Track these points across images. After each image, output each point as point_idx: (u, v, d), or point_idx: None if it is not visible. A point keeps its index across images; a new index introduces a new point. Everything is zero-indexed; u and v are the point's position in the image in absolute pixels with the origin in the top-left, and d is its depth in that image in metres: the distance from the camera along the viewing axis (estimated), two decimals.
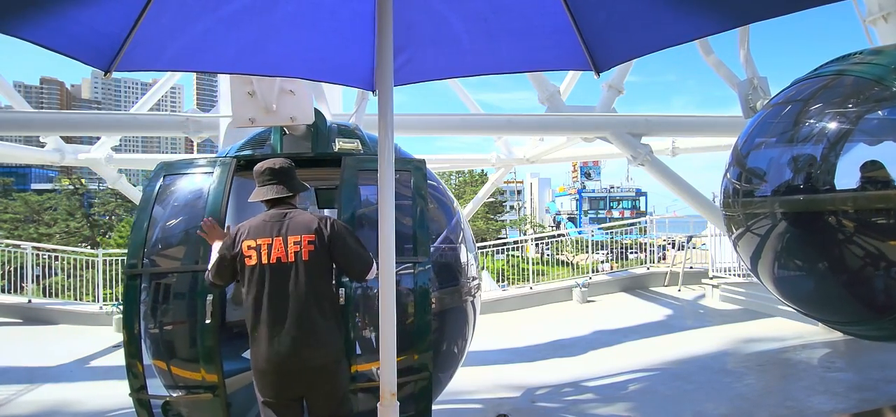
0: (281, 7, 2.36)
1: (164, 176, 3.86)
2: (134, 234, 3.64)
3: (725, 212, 5.36)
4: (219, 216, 3.55)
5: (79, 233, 33.38)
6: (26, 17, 1.87)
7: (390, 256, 2.35)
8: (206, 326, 3.35)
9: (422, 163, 4.03)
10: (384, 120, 2.35)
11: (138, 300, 3.52)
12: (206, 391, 3.43)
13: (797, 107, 4.84)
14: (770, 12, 1.94)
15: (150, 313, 3.65)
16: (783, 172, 4.73)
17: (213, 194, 3.67)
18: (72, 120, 10.84)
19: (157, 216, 3.78)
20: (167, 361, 3.64)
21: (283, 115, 3.99)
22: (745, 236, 5.06)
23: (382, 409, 2.35)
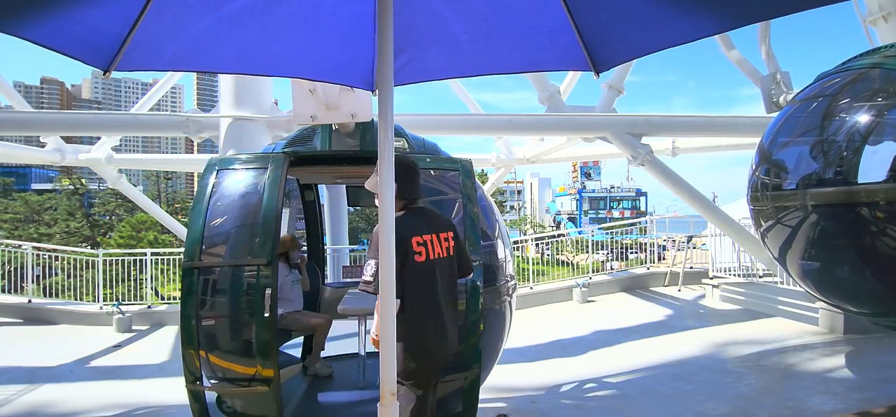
0: (282, 7, 2.36)
1: (217, 171, 3.91)
2: (191, 229, 3.69)
3: (754, 206, 5.43)
4: (275, 212, 3.63)
5: (79, 233, 33.38)
6: (26, 17, 1.87)
7: (391, 256, 2.35)
8: (264, 320, 3.39)
9: (469, 162, 4.12)
10: (384, 120, 2.35)
11: (195, 293, 3.55)
12: (262, 384, 3.47)
13: (827, 102, 4.92)
14: (770, 13, 1.94)
15: (206, 307, 3.68)
16: (814, 165, 4.81)
17: (270, 190, 3.74)
18: (72, 120, 10.85)
19: (213, 211, 3.82)
20: (222, 354, 3.67)
21: (344, 112, 4.06)
22: (774, 229, 5.14)
23: (382, 409, 2.34)
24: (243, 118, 7.01)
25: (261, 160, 3.98)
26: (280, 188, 3.74)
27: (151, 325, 9.45)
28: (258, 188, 3.83)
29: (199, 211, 3.70)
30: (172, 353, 7.80)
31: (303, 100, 4.02)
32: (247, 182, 3.97)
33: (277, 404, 3.52)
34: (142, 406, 5.62)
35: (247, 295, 3.59)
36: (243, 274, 3.67)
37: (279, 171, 3.79)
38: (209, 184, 3.82)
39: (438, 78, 2.84)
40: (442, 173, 4.21)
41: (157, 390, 6.17)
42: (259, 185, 3.83)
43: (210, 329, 3.68)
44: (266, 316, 3.39)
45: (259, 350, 3.49)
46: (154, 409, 5.55)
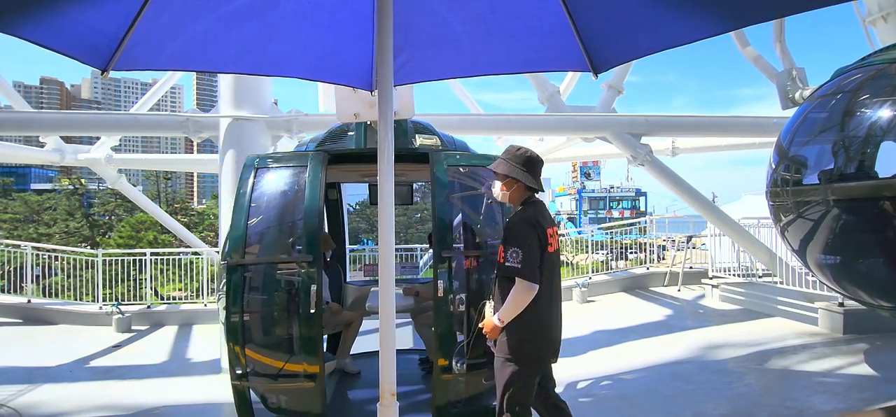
0: (281, 6, 2.36)
1: (257, 170, 3.93)
2: (233, 226, 3.70)
3: (773, 201, 5.49)
4: (318, 210, 3.67)
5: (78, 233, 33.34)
6: (24, 16, 1.87)
7: (390, 255, 2.34)
8: (311, 316, 3.43)
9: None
10: (384, 120, 2.34)
11: (239, 291, 3.56)
12: (307, 380, 3.50)
13: (847, 97, 4.99)
14: (769, 14, 1.94)
15: (250, 304, 3.70)
16: (835, 160, 4.87)
17: (311, 187, 3.77)
18: (72, 120, 10.84)
19: (256, 209, 3.85)
20: (266, 351, 3.69)
21: None
22: (795, 223, 5.21)
23: (382, 409, 2.34)
24: (243, 118, 7.00)
25: (300, 158, 4.02)
26: (321, 185, 3.79)
27: (151, 325, 9.45)
28: (299, 186, 3.88)
29: (240, 209, 3.72)
30: (172, 353, 7.80)
31: (345, 98, 4.04)
32: (288, 180, 4.02)
33: (322, 400, 3.56)
34: (141, 407, 5.61)
35: (293, 293, 3.64)
36: (289, 272, 3.72)
37: (320, 169, 3.83)
38: (249, 182, 3.85)
39: (438, 78, 2.84)
40: (474, 170, 4.28)
41: (156, 390, 6.17)
42: (300, 183, 3.88)
43: (255, 325, 3.71)
44: (312, 312, 3.42)
45: (305, 347, 3.53)
46: (154, 409, 5.54)
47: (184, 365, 7.23)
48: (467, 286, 3.81)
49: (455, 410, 3.77)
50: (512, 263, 2.91)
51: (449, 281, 3.71)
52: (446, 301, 3.67)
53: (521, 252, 2.90)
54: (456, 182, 4.08)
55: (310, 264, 3.56)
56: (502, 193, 3.17)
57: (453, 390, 3.74)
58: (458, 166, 4.16)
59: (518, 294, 2.92)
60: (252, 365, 3.62)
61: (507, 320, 2.98)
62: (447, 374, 3.65)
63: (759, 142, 10.73)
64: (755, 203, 17.19)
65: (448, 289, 3.63)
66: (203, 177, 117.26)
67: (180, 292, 13.29)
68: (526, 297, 2.92)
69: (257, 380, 3.63)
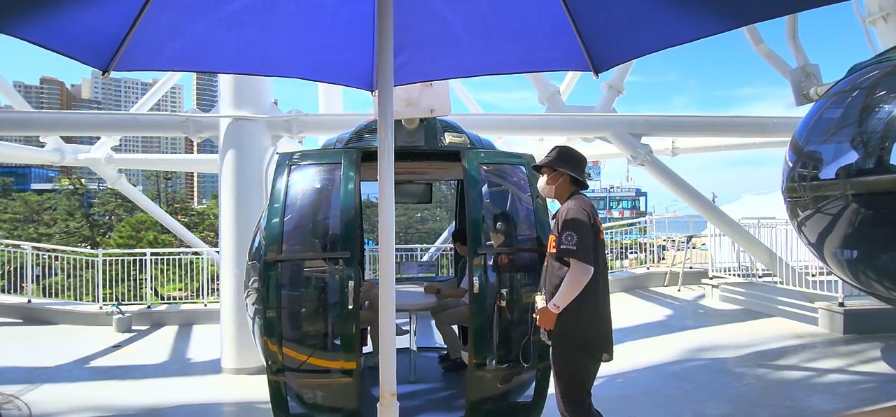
0: (281, 7, 2.36)
1: (291, 167, 3.96)
2: (269, 223, 3.72)
3: (790, 197, 5.56)
4: (354, 207, 3.72)
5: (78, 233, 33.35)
6: (25, 17, 1.87)
7: (391, 255, 2.34)
8: (349, 313, 3.46)
9: (531, 157, 4.28)
10: (384, 120, 2.34)
11: (276, 287, 3.59)
12: (344, 375, 3.53)
13: (864, 94, 5.08)
14: (770, 13, 1.94)
15: (288, 299, 3.73)
16: (854, 155, 4.95)
17: (347, 185, 3.82)
18: (72, 120, 10.83)
19: (291, 206, 3.88)
20: (303, 347, 3.72)
21: (423, 107, 4.08)
22: (812, 218, 5.27)
23: (382, 409, 2.34)
24: (243, 118, 7.00)
25: (334, 155, 4.06)
26: (357, 182, 3.84)
27: (151, 325, 9.45)
28: (334, 183, 3.94)
29: (276, 206, 3.75)
30: (172, 353, 7.80)
31: None
32: (322, 177, 4.08)
33: (358, 395, 3.60)
34: (142, 407, 5.61)
35: (330, 289, 3.69)
36: (327, 268, 3.78)
37: (354, 166, 3.87)
38: (284, 179, 3.89)
39: (438, 78, 2.84)
40: (504, 167, 4.36)
41: (156, 390, 6.17)
42: (335, 180, 3.94)
43: (291, 321, 3.75)
44: (350, 308, 3.45)
45: (343, 343, 3.56)
46: (154, 409, 5.55)
47: (184, 366, 7.23)
48: (505, 282, 3.89)
49: (487, 406, 3.82)
50: (567, 245, 2.98)
51: (484, 277, 3.78)
52: (482, 297, 3.72)
53: (576, 235, 2.97)
54: (487, 179, 4.17)
55: (347, 261, 3.59)
56: (548, 188, 3.31)
57: (487, 386, 3.81)
58: (489, 163, 4.23)
59: (574, 275, 2.98)
60: (288, 361, 3.64)
61: (563, 304, 3.02)
62: (481, 371, 3.70)
63: (759, 142, 10.73)
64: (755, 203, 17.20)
65: (483, 286, 3.70)
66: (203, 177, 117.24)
67: (180, 292, 13.29)
68: (582, 279, 2.98)
69: (293, 376, 3.65)
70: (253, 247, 4.17)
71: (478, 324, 3.69)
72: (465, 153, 4.06)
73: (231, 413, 5.64)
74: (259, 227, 4.36)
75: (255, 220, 6.89)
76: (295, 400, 3.72)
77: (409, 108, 4.02)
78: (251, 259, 4.13)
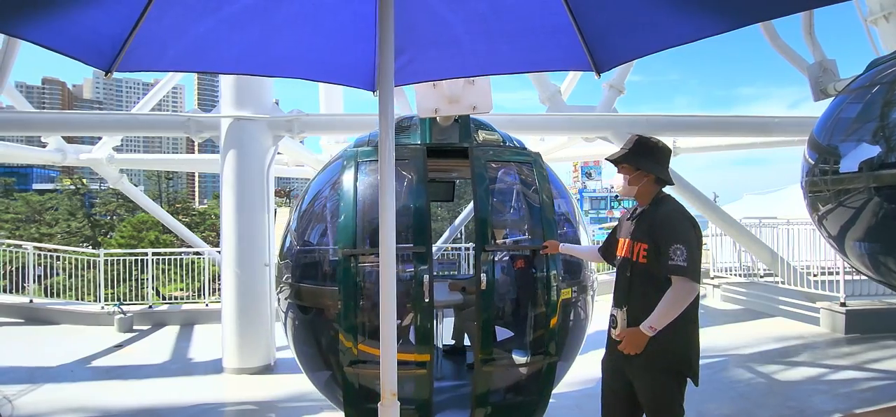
0: (283, 8, 2.37)
1: (358, 163, 4.02)
2: (343, 218, 3.77)
3: (811, 191, 5.64)
4: (426, 202, 3.77)
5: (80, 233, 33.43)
6: (27, 17, 1.87)
7: (391, 253, 2.34)
8: (425, 305, 3.52)
9: (538, 155, 4.33)
10: (385, 120, 2.34)
11: (352, 280, 3.65)
12: (419, 367, 3.60)
13: (885, 87, 5.18)
14: (772, 13, 1.94)
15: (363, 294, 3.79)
16: (877, 148, 5.02)
17: (418, 180, 3.89)
18: (73, 120, 10.84)
19: (362, 201, 3.94)
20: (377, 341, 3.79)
21: (465, 105, 4.09)
22: (834, 212, 5.34)
23: (383, 409, 2.34)
24: (244, 118, 7.00)
25: (400, 151, 4.07)
26: (426, 178, 3.92)
27: (152, 325, 9.46)
28: (404, 178, 4.03)
29: (347, 201, 3.81)
30: (173, 353, 7.81)
31: (426, 94, 4.07)
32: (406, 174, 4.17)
33: (431, 387, 3.68)
34: (143, 406, 5.62)
35: (407, 283, 3.76)
36: (404, 261, 3.88)
37: (422, 162, 3.93)
38: (353, 174, 3.94)
39: (439, 78, 2.84)
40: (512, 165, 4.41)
41: (158, 390, 6.18)
42: (405, 176, 4.02)
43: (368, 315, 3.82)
44: (426, 301, 3.51)
45: (420, 335, 3.61)
46: (155, 409, 5.56)
47: (185, 365, 7.24)
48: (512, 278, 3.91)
49: (493, 401, 3.87)
50: (677, 260, 2.61)
51: (491, 273, 3.82)
52: (489, 293, 3.76)
53: (685, 249, 2.62)
54: (495, 176, 4.24)
55: (422, 256, 3.66)
56: (629, 189, 2.92)
57: (494, 381, 3.86)
58: (497, 160, 4.27)
59: (680, 295, 2.63)
60: (362, 355, 3.70)
61: (660, 326, 2.68)
62: (488, 366, 3.75)
63: (760, 142, 10.71)
64: (756, 202, 17.20)
65: (489, 282, 3.73)
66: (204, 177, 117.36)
67: (182, 292, 13.31)
68: (687, 300, 2.65)
69: (368, 368, 3.70)
70: (284, 247, 4.23)
71: (484, 319, 3.73)
72: (472, 151, 4.10)
73: (232, 413, 5.65)
74: (289, 228, 4.40)
75: (257, 220, 6.96)
76: (366, 394, 3.77)
77: (451, 106, 4.03)
78: (282, 258, 4.18)
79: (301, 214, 4.44)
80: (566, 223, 4.42)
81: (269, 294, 7.06)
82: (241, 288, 6.86)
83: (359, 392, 3.68)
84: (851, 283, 8.40)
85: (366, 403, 3.69)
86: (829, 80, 7.90)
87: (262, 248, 6.98)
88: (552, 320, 3.80)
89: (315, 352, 4.10)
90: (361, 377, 3.65)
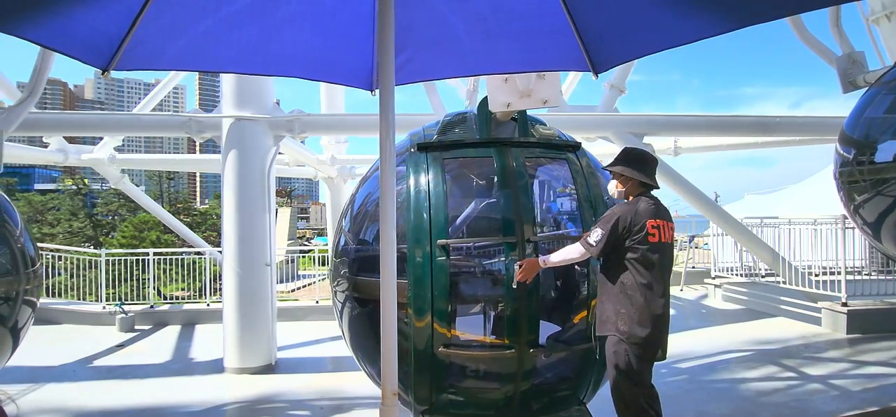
0: (282, 8, 2.37)
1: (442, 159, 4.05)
2: (434, 209, 3.83)
3: (845, 183, 5.81)
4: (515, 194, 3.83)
5: (82, 233, 33.49)
6: (26, 17, 1.88)
7: (392, 253, 2.34)
8: (513, 292, 3.62)
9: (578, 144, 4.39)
10: (385, 120, 2.34)
11: (446, 269, 3.77)
12: (507, 349, 3.72)
13: None
14: (772, 14, 1.93)
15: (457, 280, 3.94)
16: None
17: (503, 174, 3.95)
18: (75, 120, 10.87)
19: (452, 193, 4.07)
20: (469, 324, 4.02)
21: (537, 99, 4.12)
22: (870, 202, 5.57)
23: (384, 409, 2.34)
24: (245, 118, 7.00)
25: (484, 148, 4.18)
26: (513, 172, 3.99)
27: (154, 325, 9.47)
28: (490, 173, 4.14)
29: (438, 193, 3.88)
30: (175, 353, 7.82)
31: (498, 89, 4.10)
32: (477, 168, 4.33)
33: (519, 368, 3.75)
34: (144, 406, 5.63)
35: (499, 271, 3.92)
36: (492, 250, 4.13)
37: (506, 158, 3.99)
38: (440, 169, 4.00)
39: (438, 77, 2.84)
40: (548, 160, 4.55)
41: (159, 389, 6.19)
42: (490, 172, 4.13)
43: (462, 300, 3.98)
44: (514, 287, 3.62)
45: (511, 320, 3.72)
46: (157, 409, 5.56)
47: (186, 365, 7.24)
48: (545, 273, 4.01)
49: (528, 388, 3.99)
50: (588, 235, 3.31)
51: None
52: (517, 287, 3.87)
53: (600, 230, 3.25)
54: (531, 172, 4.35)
55: (512, 245, 3.76)
56: (618, 191, 3.47)
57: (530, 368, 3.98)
58: (532, 157, 4.35)
59: (570, 251, 3.39)
60: (453, 339, 3.84)
61: (549, 264, 3.44)
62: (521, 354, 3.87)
63: (761, 142, 10.69)
64: (758, 202, 17.17)
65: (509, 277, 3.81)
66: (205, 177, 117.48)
67: (183, 292, 13.32)
68: (571, 256, 3.38)
69: (459, 351, 3.86)
70: (339, 246, 4.34)
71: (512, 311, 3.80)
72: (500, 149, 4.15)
73: (233, 412, 5.65)
74: (340, 228, 4.46)
75: (258, 220, 6.96)
76: (458, 373, 3.90)
77: (523, 100, 4.05)
78: (338, 256, 4.29)
79: (355, 214, 4.49)
80: None
81: (271, 294, 7.07)
82: (242, 288, 6.86)
83: (449, 370, 3.81)
84: (853, 283, 8.39)
85: (460, 380, 3.86)
86: (858, 72, 7.87)
87: (263, 248, 6.98)
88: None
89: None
90: (453, 356, 3.79)
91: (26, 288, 4.77)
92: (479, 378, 3.95)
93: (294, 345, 7.88)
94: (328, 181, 13.43)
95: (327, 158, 12.31)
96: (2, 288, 4.59)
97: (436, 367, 3.76)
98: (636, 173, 3.37)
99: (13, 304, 4.69)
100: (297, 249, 29.40)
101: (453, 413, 3.94)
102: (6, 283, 4.60)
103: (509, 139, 4.22)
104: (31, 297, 4.92)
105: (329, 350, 7.71)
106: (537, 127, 4.44)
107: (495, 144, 4.10)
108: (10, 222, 4.82)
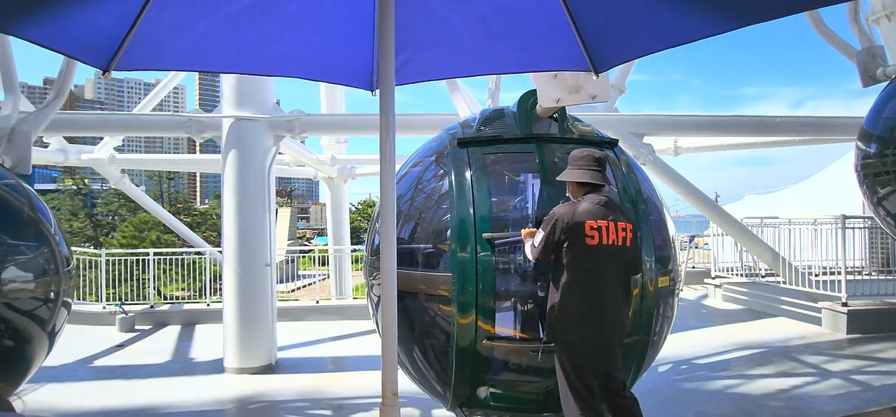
0: (282, 8, 2.37)
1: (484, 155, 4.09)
2: (478, 205, 3.85)
3: (868, 176, 5.92)
4: (553, 191, 3.82)
5: (82, 233, 33.50)
6: (26, 17, 1.88)
7: (392, 252, 2.34)
8: None
9: (614, 141, 4.41)
10: (385, 120, 2.34)
11: (491, 264, 3.79)
12: (547, 343, 3.72)
13: None
14: (772, 14, 1.93)
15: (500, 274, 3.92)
16: None
17: (544, 169, 3.95)
18: (75, 120, 10.85)
19: (494, 190, 4.08)
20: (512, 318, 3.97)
21: (586, 95, 4.11)
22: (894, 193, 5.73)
23: (384, 409, 2.33)
24: (245, 118, 7.01)
25: (525, 144, 4.20)
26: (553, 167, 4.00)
27: (154, 325, 9.47)
28: (531, 169, 4.16)
29: (482, 189, 3.91)
30: (175, 353, 7.82)
31: (547, 84, 4.09)
32: (517, 164, 4.33)
33: None
34: (144, 406, 5.63)
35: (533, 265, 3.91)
36: None
37: (547, 154, 4.01)
38: (480, 164, 4.03)
39: (438, 77, 2.84)
40: None
41: (159, 389, 6.19)
42: (532, 166, 4.13)
43: (504, 294, 3.96)
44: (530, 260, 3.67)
45: None
46: (157, 408, 5.56)
47: (187, 365, 7.24)
48: None
49: None
50: (534, 241, 3.26)
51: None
52: None
53: (541, 232, 3.20)
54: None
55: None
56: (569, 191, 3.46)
57: None
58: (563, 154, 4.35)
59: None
60: (499, 332, 3.82)
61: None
62: None
63: (762, 142, 10.69)
64: (758, 202, 17.18)
65: None
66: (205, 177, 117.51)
67: (183, 292, 13.32)
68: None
69: (503, 344, 3.85)
70: (374, 244, 4.31)
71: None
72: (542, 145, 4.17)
73: (234, 412, 5.65)
74: (374, 227, 4.45)
75: (258, 220, 6.96)
76: (499, 368, 3.91)
77: (572, 96, 4.04)
78: (372, 255, 4.30)
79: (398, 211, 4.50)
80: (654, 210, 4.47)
81: (271, 294, 7.07)
82: (242, 288, 6.86)
83: (490, 365, 3.82)
84: (853, 283, 8.38)
85: (501, 373, 3.88)
86: (877, 66, 7.87)
87: (263, 248, 6.98)
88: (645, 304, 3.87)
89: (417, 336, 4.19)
90: (496, 349, 3.80)
91: (64, 289, 4.51)
92: (520, 372, 3.96)
93: (294, 345, 7.88)
94: (328, 181, 13.45)
95: (327, 158, 12.32)
96: (40, 289, 4.30)
97: (477, 362, 3.78)
98: (570, 173, 3.34)
99: (53, 306, 4.43)
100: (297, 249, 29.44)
101: (493, 406, 3.95)
102: (44, 284, 4.30)
103: (550, 135, 4.23)
104: (68, 298, 4.66)
105: (329, 350, 7.72)
106: (575, 124, 4.45)
107: (536, 140, 4.10)
108: (45, 221, 4.58)
